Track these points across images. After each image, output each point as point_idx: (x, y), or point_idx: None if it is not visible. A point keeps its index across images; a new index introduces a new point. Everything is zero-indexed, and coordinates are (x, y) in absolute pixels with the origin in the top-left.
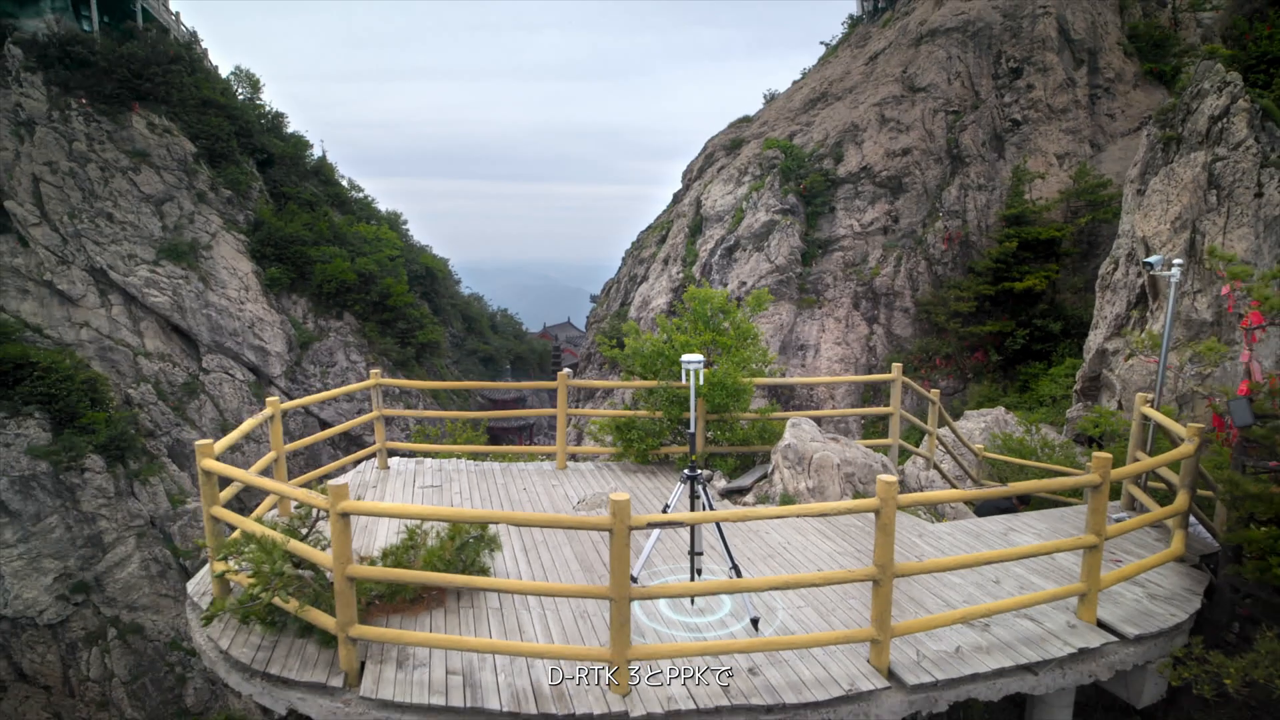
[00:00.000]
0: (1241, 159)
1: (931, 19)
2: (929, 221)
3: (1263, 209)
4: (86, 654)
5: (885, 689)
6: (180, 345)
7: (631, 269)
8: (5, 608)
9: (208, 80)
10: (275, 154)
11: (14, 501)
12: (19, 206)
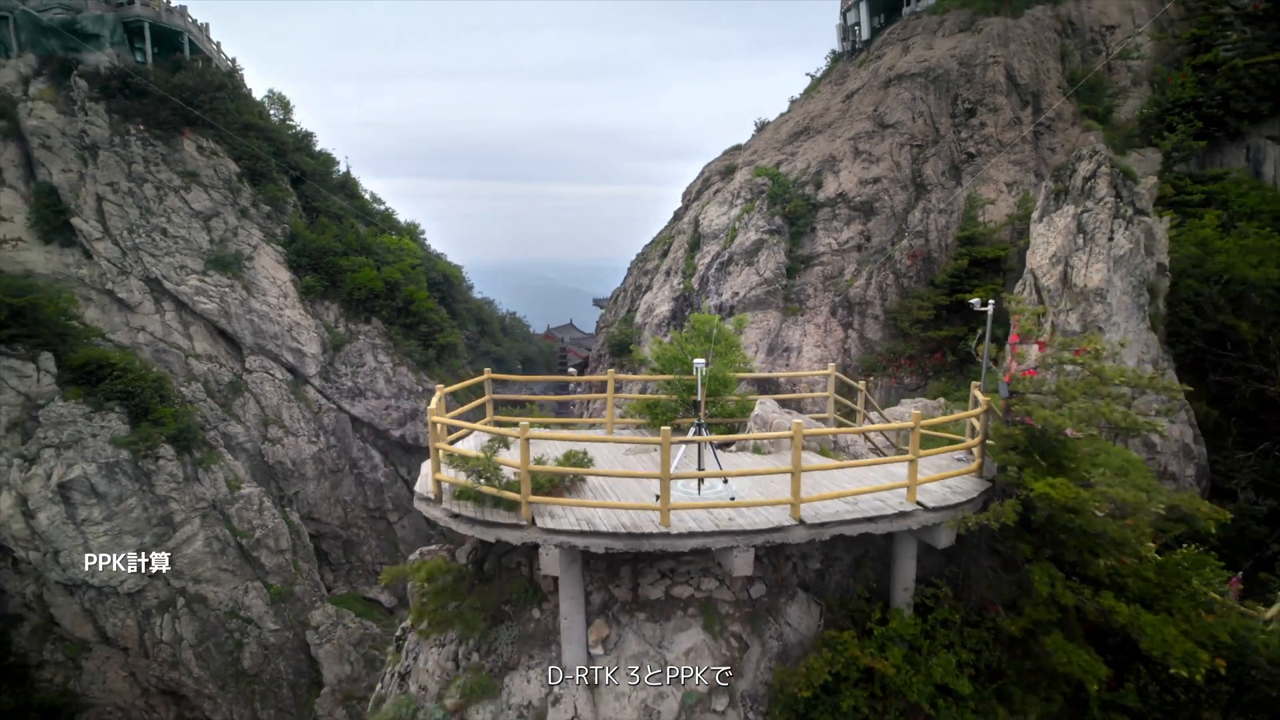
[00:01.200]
0: (1100, 211)
1: (899, 65)
2: (896, 240)
3: (1113, 250)
4: (159, 620)
5: (796, 526)
6: (225, 348)
7: (637, 279)
8: (93, 577)
9: (247, 105)
10: (306, 171)
11: (101, 485)
12: (84, 223)
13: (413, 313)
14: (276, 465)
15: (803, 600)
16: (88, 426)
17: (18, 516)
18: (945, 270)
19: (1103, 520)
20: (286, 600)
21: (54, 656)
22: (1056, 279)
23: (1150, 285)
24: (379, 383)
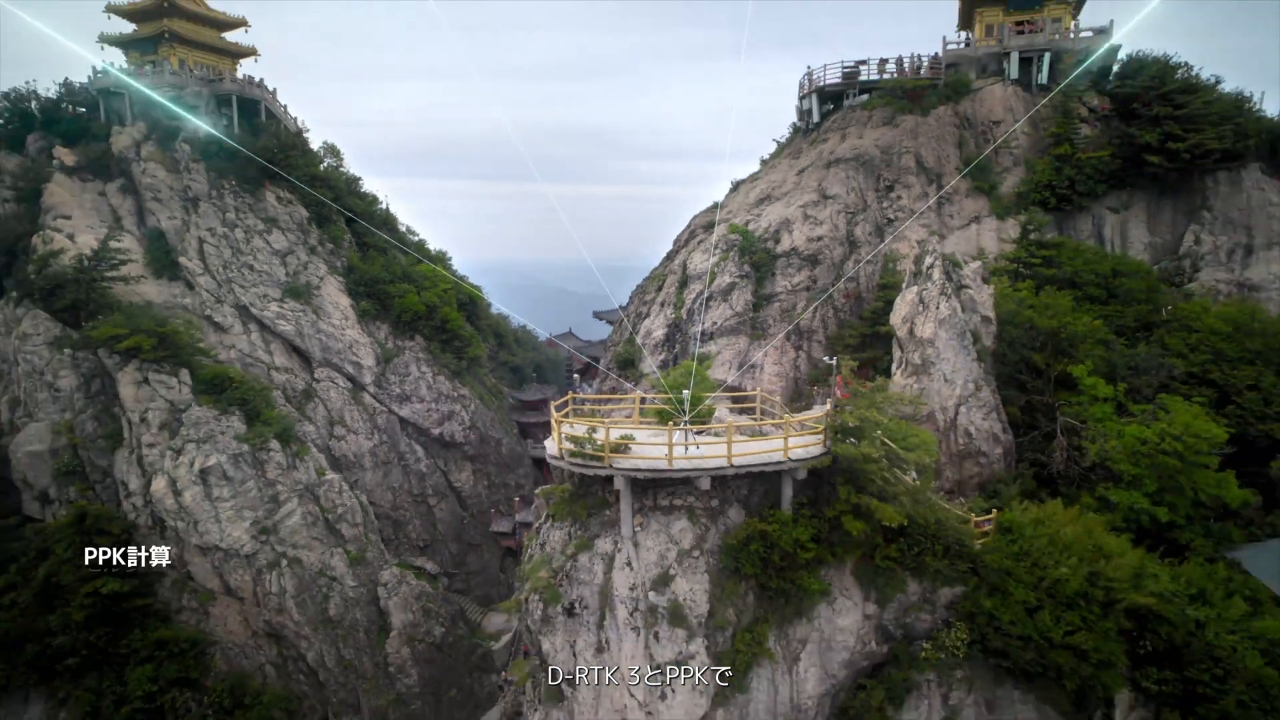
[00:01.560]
0: (933, 289)
1: (838, 150)
2: (835, 284)
3: (938, 314)
4: (268, 576)
5: (729, 467)
6: (299, 362)
7: (638, 308)
8: (221, 542)
9: (311, 159)
10: (357, 211)
11: (229, 471)
12: (188, 261)
13: (447, 330)
14: (341, 458)
15: (736, 506)
16: (217, 426)
17: (169, 495)
18: (869, 309)
19: (874, 463)
20: (361, 563)
21: (189, 603)
22: (905, 332)
23: (974, 332)
24: (421, 389)
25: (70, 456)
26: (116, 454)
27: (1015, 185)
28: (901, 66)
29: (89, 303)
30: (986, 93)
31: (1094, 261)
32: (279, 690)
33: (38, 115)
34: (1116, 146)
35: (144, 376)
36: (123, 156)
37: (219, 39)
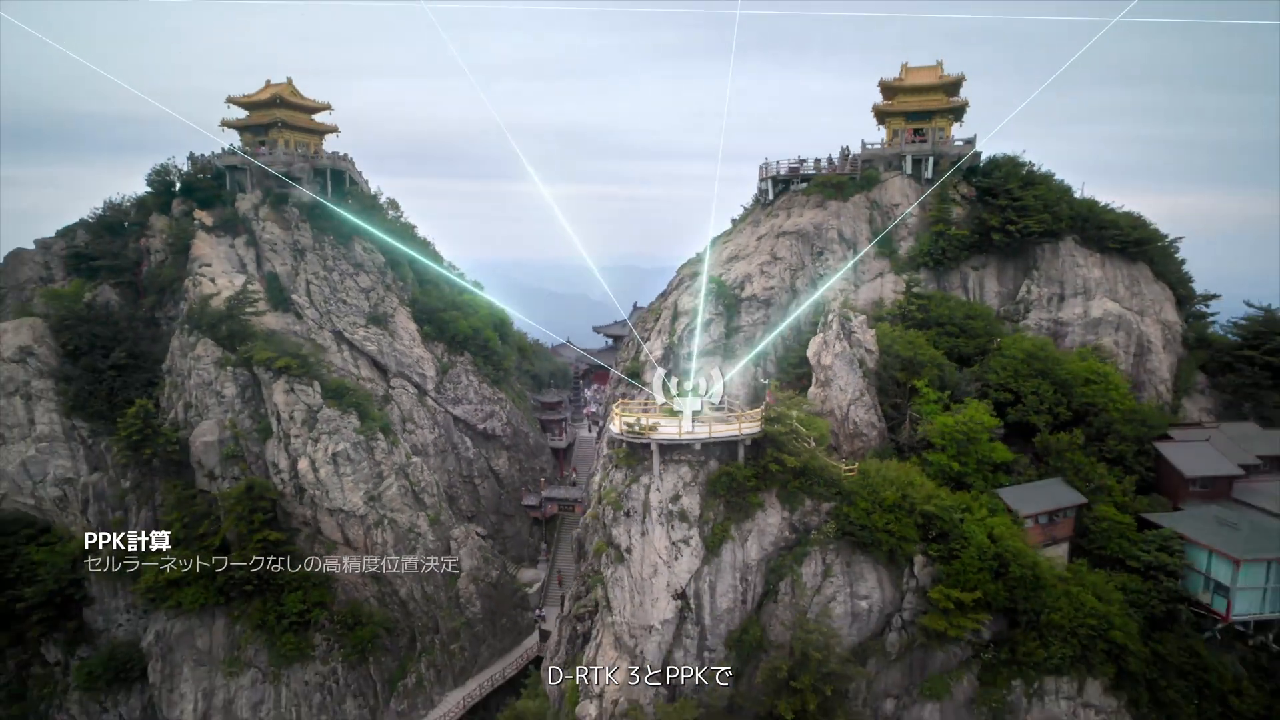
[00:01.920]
0: (832, 333)
1: (784, 225)
2: (782, 320)
3: (835, 349)
4: (375, 532)
5: (708, 436)
6: (378, 373)
7: (640, 331)
8: (344, 506)
9: (385, 217)
10: (416, 253)
11: (351, 454)
12: (298, 298)
13: (488, 348)
14: (412, 448)
15: (714, 459)
16: (341, 422)
17: (310, 471)
18: (804, 338)
19: (786, 436)
20: (437, 524)
21: (318, 552)
22: (815, 361)
23: (861, 359)
24: (469, 394)
25: (233, 445)
26: (267, 443)
27: (908, 251)
28: (832, 163)
29: (240, 331)
30: (890, 183)
31: (954, 308)
32: (380, 615)
33: (177, 185)
34: (974, 225)
35: (290, 387)
36: (245, 217)
37: (311, 121)
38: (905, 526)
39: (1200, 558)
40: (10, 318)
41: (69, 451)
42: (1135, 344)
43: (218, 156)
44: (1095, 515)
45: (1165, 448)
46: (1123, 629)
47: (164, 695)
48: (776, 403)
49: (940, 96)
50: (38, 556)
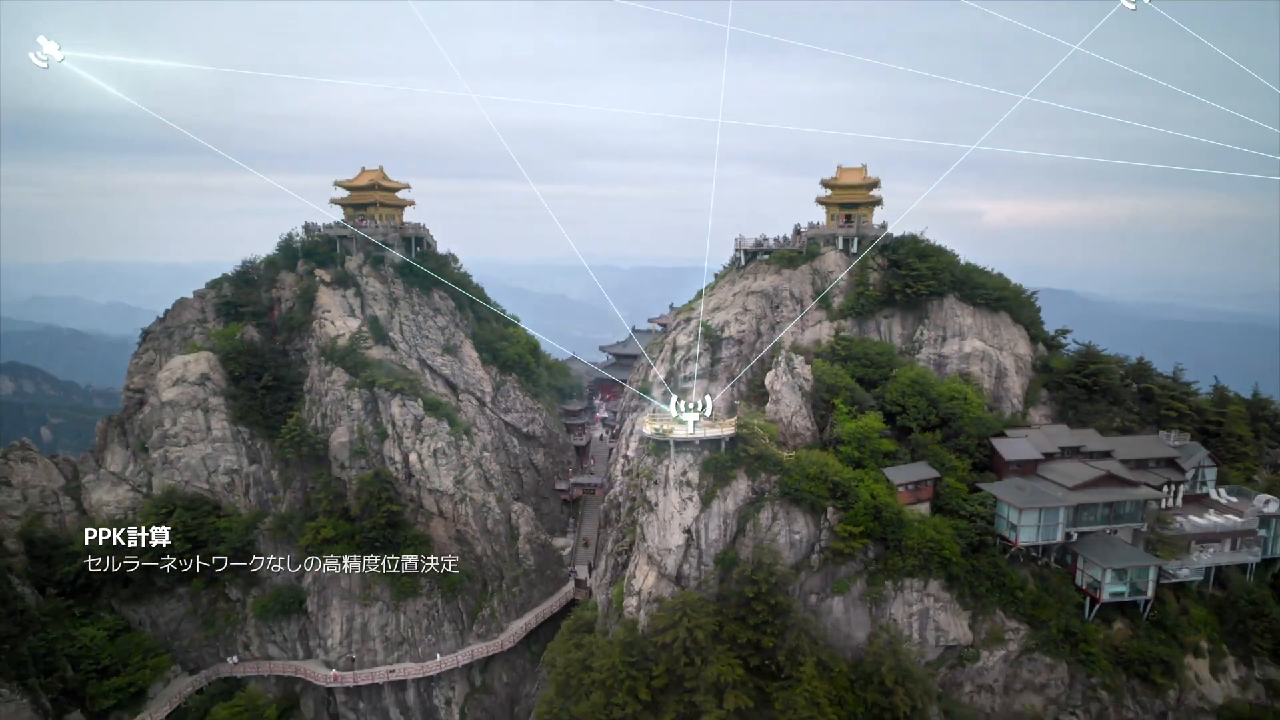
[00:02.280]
0: (781, 366)
1: (752, 286)
2: (754, 355)
3: (781, 379)
4: (460, 505)
5: (703, 435)
6: (451, 390)
7: (648, 360)
8: (439, 487)
9: (451, 269)
10: (474, 296)
11: (445, 450)
12: (394, 335)
13: (529, 369)
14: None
15: (707, 450)
16: (438, 428)
17: (417, 463)
18: (765, 369)
19: (749, 435)
20: (502, 501)
21: (418, 520)
22: (770, 386)
23: (801, 386)
24: (516, 405)
25: (360, 444)
26: (384, 442)
27: (839, 305)
28: (786, 240)
29: (359, 362)
30: (827, 255)
31: (868, 347)
32: (462, 568)
33: (299, 249)
34: (885, 287)
35: (402, 402)
36: (353, 275)
37: (396, 198)
38: (822, 489)
39: (1004, 509)
40: (180, 351)
41: (235, 450)
42: (995, 370)
43: (328, 227)
44: (945, 484)
45: (997, 441)
46: (950, 550)
47: (319, 620)
48: (745, 415)
49: (864, 192)
50: (221, 524)
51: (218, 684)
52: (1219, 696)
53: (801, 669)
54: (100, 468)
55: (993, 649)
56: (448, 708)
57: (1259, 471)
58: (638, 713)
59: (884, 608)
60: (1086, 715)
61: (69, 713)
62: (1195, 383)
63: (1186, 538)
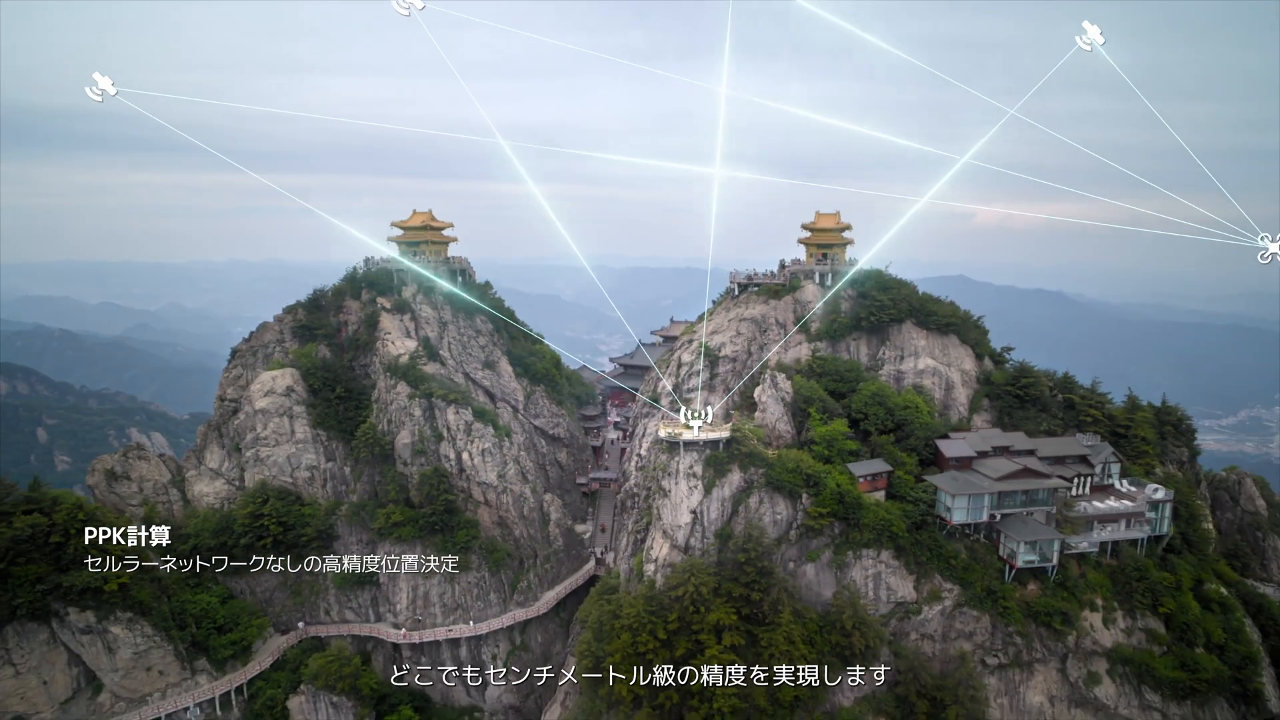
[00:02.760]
0: (767, 382)
1: (744, 314)
2: (747, 371)
3: (768, 392)
4: (502, 496)
5: (705, 437)
6: (490, 399)
7: (658, 373)
8: (485, 480)
9: (489, 295)
10: (507, 317)
11: (490, 449)
12: (444, 353)
13: (554, 381)
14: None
15: (708, 449)
16: (485, 431)
17: (469, 460)
18: (755, 383)
19: (741, 437)
20: (535, 492)
21: (469, 508)
22: (758, 399)
23: (783, 398)
24: (544, 411)
25: (420, 445)
26: (440, 443)
27: (816, 330)
28: (772, 274)
29: (418, 376)
30: (807, 288)
31: (839, 365)
32: (504, 547)
33: (362, 280)
34: (853, 315)
35: (456, 410)
36: (408, 302)
37: (443, 236)
38: (798, 480)
39: (942, 495)
40: (264, 367)
41: (315, 449)
42: (945, 383)
43: (386, 261)
44: (897, 476)
45: (940, 442)
46: (899, 527)
47: (388, 589)
48: (738, 421)
49: (837, 234)
50: (306, 511)
51: (307, 642)
52: (1109, 641)
53: (781, 616)
54: (200, 465)
55: (932, 605)
56: (493, 662)
57: (1159, 466)
58: (656, 648)
59: (846, 572)
60: (1005, 656)
61: (198, 659)
62: (1109, 394)
63: (1088, 518)
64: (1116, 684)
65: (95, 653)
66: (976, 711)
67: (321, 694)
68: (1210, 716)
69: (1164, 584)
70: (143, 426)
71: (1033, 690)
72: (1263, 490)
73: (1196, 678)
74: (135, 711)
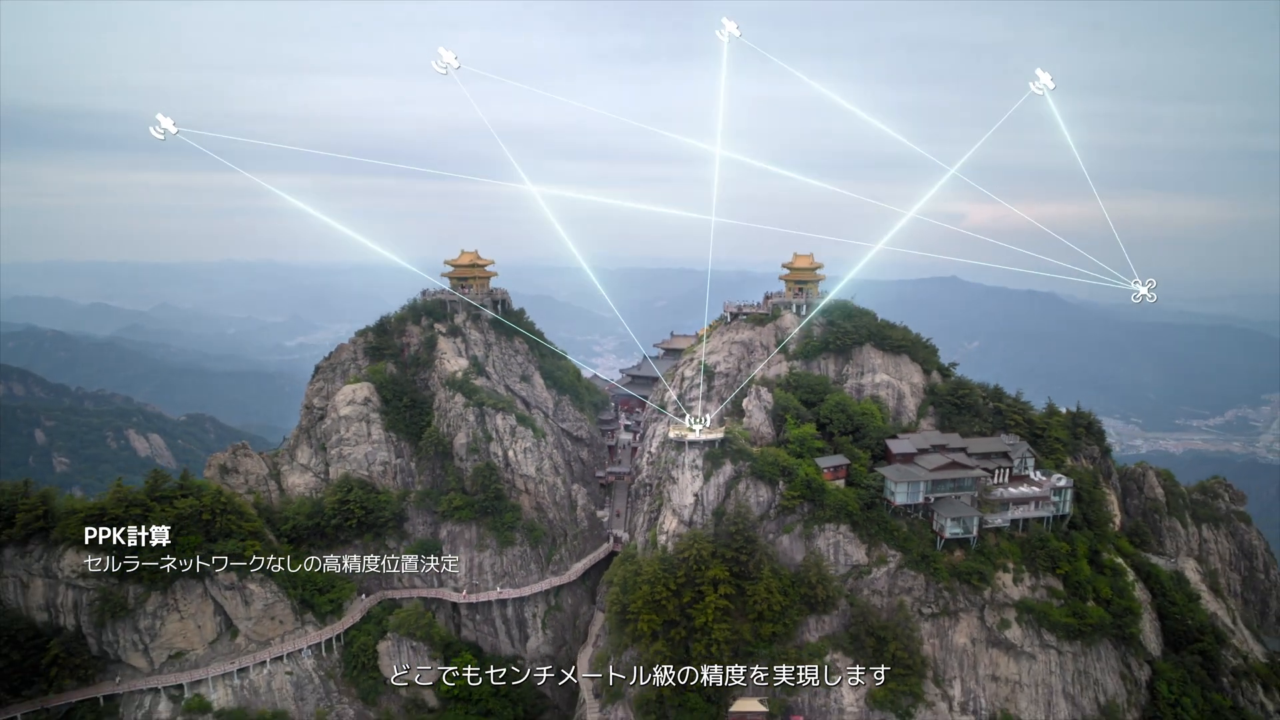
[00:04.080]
0: (754, 394)
1: (735, 337)
2: (739, 383)
3: (754, 402)
4: (539, 485)
5: (706, 438)
6: (526, 407)
7: (665, 384)
8: (526, 472)
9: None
10: (538, 336)
11: (530, 448)
12: (489, 369)
13: (577, 390)
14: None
15: (707, 446)
16: (526, 433)
17: (513, 456)
18: (743, 394)
19: (733, 436)
20: (565, 483)
21: (513, 495)
22: (745, 407)
23: (766, 407)
24: (570, 416)
25: (473, 444)
26: (490, 443)
27: (793, 351)
28: (758, 305)
29: (471, 389)
30: (786, 317)
31: (811, 380)
32: (540, 527)
33: (421, 309)
34: (823, 339)
35: (503, 417)
36: (459, 327)
37: (485, 271)
38: (776, 471)
39: (889, 483)
40: (344, 381)
41: (387, 448)
42: (897, 395)
43: (441, 293)
44: (854, 468)
45: (890, 441)
46: (854, 507)
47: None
48: (730, 425)
49: (810, 273)
50: (381, 498)
51: (385, 603)
52: (1017, 595)
53: (762, 573)
54: (293, 460)
55: (879, 566)
56: (533, 619)
57: (1068, 460)
58: (668, 596)
59: (813, 541)
60: (936, 607)
61: (305, 614)
62: (1030, 402)
63: (1004, 500)
64: (1022, 628)
65: (235, 604)
66: (912, 647)
67: (404, 640)
68: (1096, 654)
69: (1061, 552)
70: (140, 428)
71: (958, 633)
72: (1164, 481)
73: (1084, 623)
74: (264, 651)
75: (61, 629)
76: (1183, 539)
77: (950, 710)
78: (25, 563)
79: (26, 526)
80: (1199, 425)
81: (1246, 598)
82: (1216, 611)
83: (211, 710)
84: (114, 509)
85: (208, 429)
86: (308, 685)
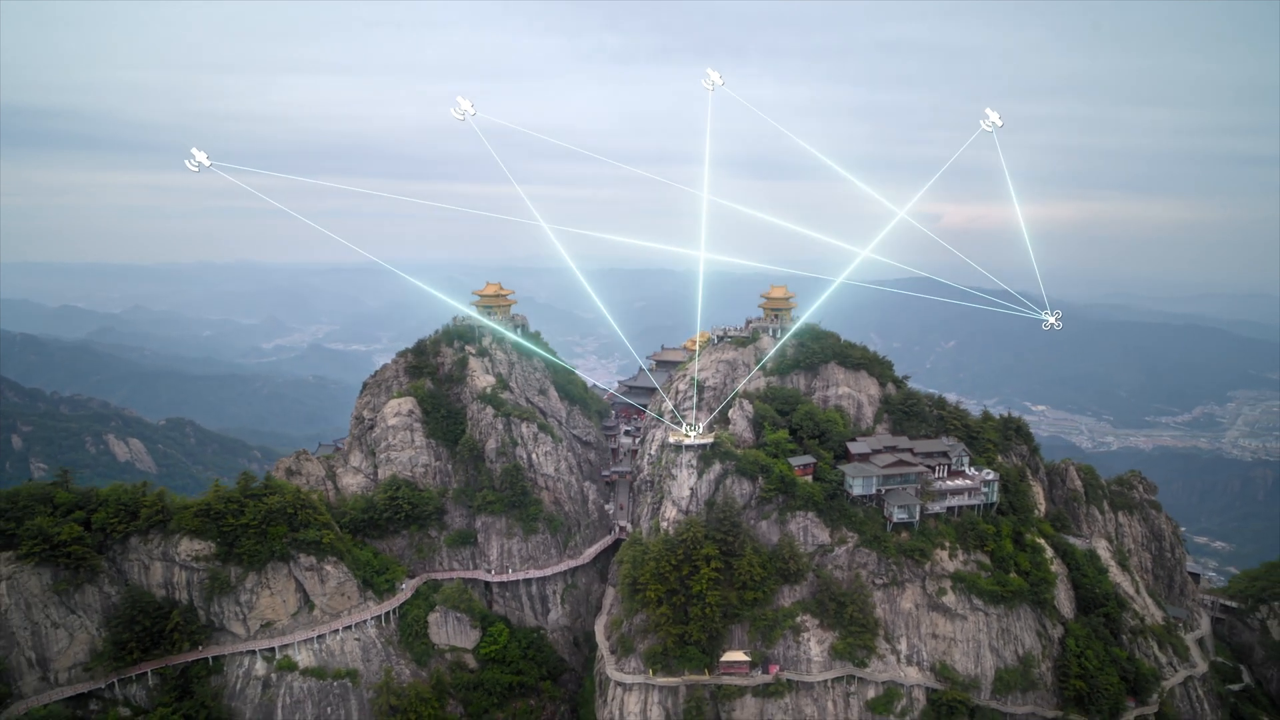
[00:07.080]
0: (739, 407)
1: (721, 357)
2: (728, 394)
3: (738, 413)
4: (558, 481)
5: (698, 442)
6: (543, 415)
7: (661, 394)
8: (546, 471)
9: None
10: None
11: (550, 451)
12: (512, 384)
13: (585, 400)
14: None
15: (700, 450)
16: (547, 438)
17: (535, 459)
18: (729, 405)
19: (719, 440)
20: (579, 481)
21: (536, 492)
22: (730, 416)
23: (749, 416)
24: (580, 423)
25: (502, 449)
26: (516, 448)
27: (770, 368)
28: (740, 329)
29: (499, 402)
30: (764, 339)
31: (785, 393)
32: (559, 519)
33: (453, 333)
34: (794, 357)
35: (527, 425)
36: (486, 348)
37: (507, 299)
38: (756, 469)
39: (848, 478)
40: (388, 396)
41: (428, 453)
42: (856, 404)
43: (469, 319)
44: (819, 466)
45: (850, 444)
46: (819, 497)
47: (485, 546)
48: (718, 432)
49: (785, 302)
50: (424, 495)
51: (430, 583)
52: (952, 568)
53: (745, 550)
54: (347, 464)
55: (840, 546)
56: (553, 596)
57: (999, 458)
58: (670, 570)
59: (786, 526)
60: (886, 578)
61: (366, 592)
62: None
63: (942, 491)
64: (956, 595)
65: (314, 583)
66: (866, 610)
67: (449, 612)
68: (1016, 615)
69: (989, 533)
70: (119, 433)
71: (904, 599)
72: (1085, 475)
73: (1006, 590)
74: (336, 621)
75: (177, 603)
76: (1099, 524)
77: (899, 662)
78: (147, 549)
79: (148, 519)
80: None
81: (1156, 573)
82: (1121, 583)
83: (297, 669)
84: (217, 504)
85: (188, 433)
86: (372, 650)
